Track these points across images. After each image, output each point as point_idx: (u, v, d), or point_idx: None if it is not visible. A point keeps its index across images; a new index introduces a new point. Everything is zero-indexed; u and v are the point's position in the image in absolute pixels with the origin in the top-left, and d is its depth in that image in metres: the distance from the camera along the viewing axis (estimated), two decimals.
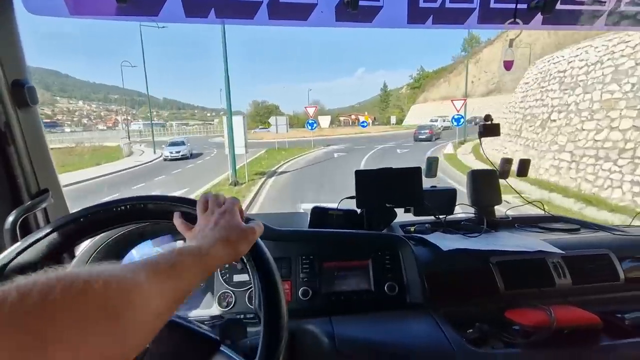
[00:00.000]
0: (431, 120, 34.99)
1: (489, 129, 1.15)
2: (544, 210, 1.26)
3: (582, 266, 0.88)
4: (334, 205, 1.10)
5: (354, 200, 1.05)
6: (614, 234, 1.03)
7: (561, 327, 0.67)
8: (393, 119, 52.51)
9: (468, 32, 50.80)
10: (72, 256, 0.82)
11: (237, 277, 0.86)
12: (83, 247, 0.81)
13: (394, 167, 1.06)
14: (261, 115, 74.53)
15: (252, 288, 0.78)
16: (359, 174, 1.04)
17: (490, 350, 0.68)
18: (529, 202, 1.27)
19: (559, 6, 0.95)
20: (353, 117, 78.33)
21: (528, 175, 1.19)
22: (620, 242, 0.97)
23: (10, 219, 0.68)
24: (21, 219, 0.70)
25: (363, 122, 31.22)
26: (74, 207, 0.85)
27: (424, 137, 22.51)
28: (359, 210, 1.07)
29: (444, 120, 32.58)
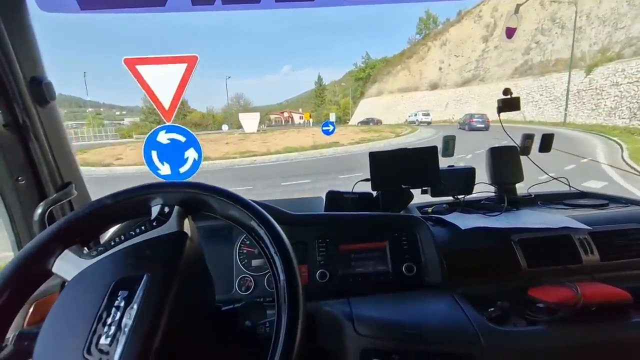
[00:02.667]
0: (410, 116, 32.90)
1: (509, 103, 1.15)
2: (569, 186, 1.27)
3: (611, 242, 0.87)
4: (349, 189, 1.09)
5: (369, 183, 1.05)
6: None
7: (588, 304, 0.66)
8: (332, 117, 49.08)
9: (425, 12, 46.47)
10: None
11: (256, 262, 0.88)
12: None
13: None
14: (157, 114, 59.15)
15: (269, 273, 0.77)
16: (374, 156, 1.05)
17: (513, 327, 0.68)
18: (554, 178, 1.26)
19: None
20: (286, 114, 73.74)
21: None
22: None
23: (39, 211, 0.75)
24: (48, 211, 0.76)
25: (327, 123, 13.52)
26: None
27: (480, 125, 20.18)
28: (374, 193, 1.08)
29: (425, 115, 31.33)
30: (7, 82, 0.70)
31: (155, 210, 0.54)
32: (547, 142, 1.21)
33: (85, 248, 0.52)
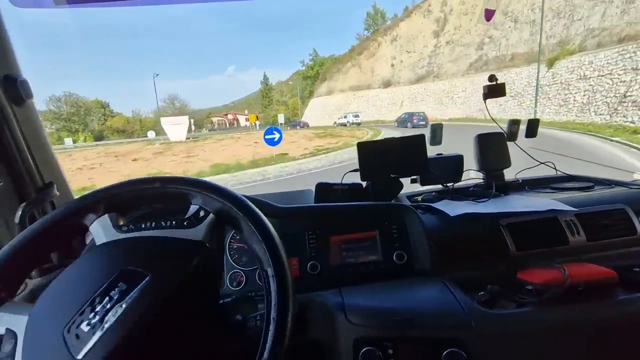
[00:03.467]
0: (339, 118, 31.93)
1: (494, 89, 1.16)
2: (555, 170, 1.29)
3: (597, 222, 0.89)
4: (338, 181, 1.10)
5: (359, 174, 1.06)
6: (630, 188, 1.05)
7: (575, 284, 0.67)
8: (281, 118, 45.54)
9: (372, 7, 43.86)
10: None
11: (246, 257, 0.88)
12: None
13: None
14: (67, 119, 46.20)
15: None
16: (362, 146, 1.05)
17: (502, 310, 0.69)
18: (541, 163, 1.27)
19: None
20: (231, 116, 69.17)
21: None
22: (637, 195, 0.98)
23: (19, 213, 0.73)
24: (29, 213, 0.75)
25: (270, 129, 10.54)
26: None
27: (422, 122, 21.67)
28: (363, 184, 1.08)
29: (355, 116, 31.12)
30: None
31: (192, 209, 0.55)
32: (532, 128, 1.23)
33: (121, 220, 0.56)
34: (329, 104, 40.79)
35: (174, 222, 0.54)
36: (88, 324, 0.41)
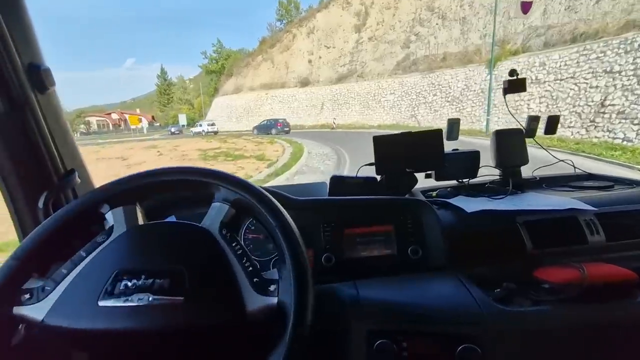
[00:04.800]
0: (195, 127, 28.47)
1: (514, 84, 1.14)
2: (574, 168, 1.27)
3: (617, 223, 0.88)
4: (353, 174, 1.09)
5: (373, 168, 1.05)
6: None
7: (594, 284, 0.67)
8: (182, 119, 38.15)
9: None
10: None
11: (262, 247, 0.88)
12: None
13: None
14: None
15: (277, 257, 0.82)
16: (378, 140, 1.04)
17: (518, 308, 0.68)
18: (559, 160, 1.27)
19: None
20: (115, 116, 57.07)
21: None
22: None
23: (43, 199, 0.75)
24: (52, 199, 0.77)
25: None
26: None
27: (287, 129, 22.21)
28: (378, 178, 1.08)
29: (211, 125, 27.80)
30: (5, 69, 0.69)
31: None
32: (553, 125, 1.21)
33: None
34: (237, 104, 34.17)
35: (250, 268, 0.54)
36: (125, 286, 0.47)
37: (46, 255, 0.54)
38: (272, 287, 0.51)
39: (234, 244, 0.54)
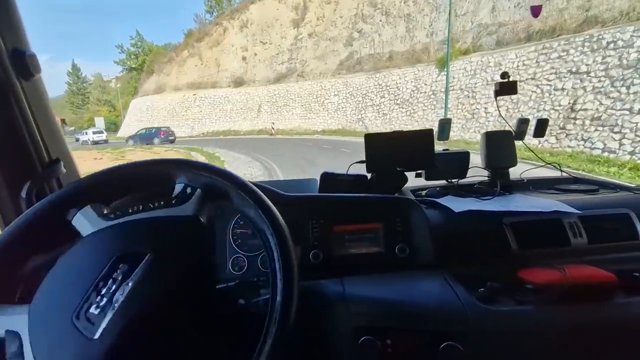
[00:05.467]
0: (78, 135, 25.09)
1: (506, 87, 1.15)
2: (561, 171, 1.29)
3: (600, 226, 0.89)
4: (343, 171, 1.09)
5: (364, 166, 1.06)
6: (635, 193, 1.05)
7: (575, 285, 0.69)
8: (100, 122, 32.81)
9: None
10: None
11: (249, 242, 0.88)
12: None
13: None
14: None
15: (264, 252, 0.81)
16: (369, 137, 1.05)
17: (502, 307, 0.70)
18: (547, 163, 1.28)
19: None
20: None
21: None
22: None
23: (26, 188, 0.74)
24: (36, 188, 0.76)
25: None
26: None
27: (171, 137, 20.10)
28: (369, 175, 1.08)
29: (97, 133, 24.41)
30: None
31: (178, 188, 0.56)
32: (542, 127, 1.23)
33: (105, 209, 0.55)
34: (159, 106, 28.62)
35: (162, 203, 0.54)
36: (97, 307, 0.43)
37: (22, 250, 0.51)
38: (188, 190, 0.54)
39: (130, 211, 0.54)
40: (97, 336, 0.41)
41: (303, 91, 22.54)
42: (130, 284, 0.44)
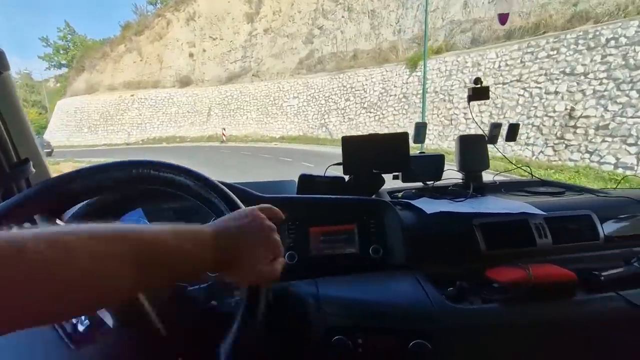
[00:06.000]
0: None
1: (478, 92, 1.18)
2: (531, 175, 1.34)
3: (563, 226, 0.92)
4: (321, 173, 1.11)
5: (342, 168, 1.07)
6: (597, 195, 1.09)
7: (538, 284, 0.72)
8: None
9: None
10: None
11: None
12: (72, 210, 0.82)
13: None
14: None
15: None
16: (346, 140, 1.07)
17: (469, 306, 0.73)
18: (517, 167, 1.38)
19: None
20: None
21: None
22: (602, 203, 1.02)
23: None
24: (3, 189, 0.75)
25: None
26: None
27: (48, 150, 16.15)
28: (346, 178, 1.09)
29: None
30: None
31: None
32: (513, 132, 1.28)
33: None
34: (90, 108, 23.97)
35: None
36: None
37: None
38: None
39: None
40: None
41: (259, 93, 20.14)
42: None
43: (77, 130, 23.64)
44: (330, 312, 0.70)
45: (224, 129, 18.70)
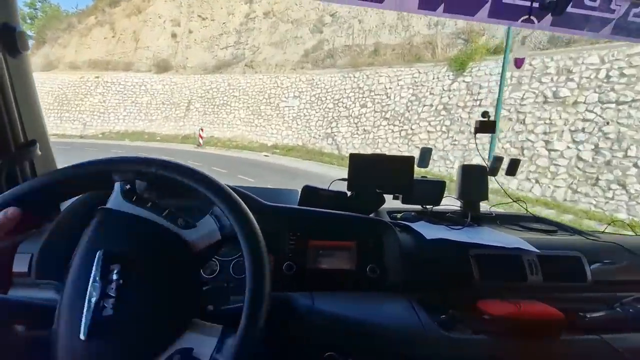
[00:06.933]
0: None
1: (484, 125, 1.18)
2: (526, 210, 1.37)
3: (554, 266, 0.96)
4: (325, 186, 1.12)
5: (345, 183, 1.09)
6: (587, 238, 1.12)
7: (527, 320, 0.75)
8: None
9: None
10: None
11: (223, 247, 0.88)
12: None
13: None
14: None
15: (237, 258, 0.85)
16: (354, 157, 1.09)
17: (459, 335, 0.74)
18: (514, 201, 1.36)
19: (569, 9, 1.03)
20: None
21: None
22: (592, 246, 1.06)
23: None
24: (6, 169, 0.76)
25: None
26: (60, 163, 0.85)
27: None
28: (349, 193, 1.10)
29: None
30: None
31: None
32: (513, 166, 1.30)
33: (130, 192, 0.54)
34: (44, 88, 18.93)
35: (178, 220, 0.54)
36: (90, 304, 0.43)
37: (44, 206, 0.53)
38: (198, 223, 0.54)
39: (148, 205, 0.53)
40: (82, 336, 0.42)
41: (251, 87, 16.37)
42: (114, 295, 0.44)
43: None
44: (324, 328, 0.71)
45: (202, 130, 14.84)
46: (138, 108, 18.29)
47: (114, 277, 0.45)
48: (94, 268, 0.45)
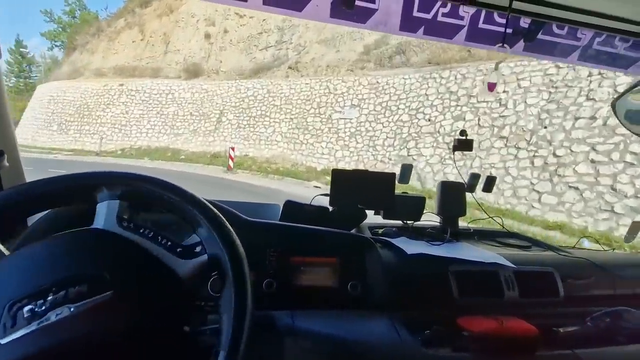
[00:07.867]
0: None
1: (463, 143, 1.21)
2: (502, 226, 1.40)
3: (529, 281, 0.97)
4: (307, 201, 1.11)
5: (327, 198, 1.09)
6: (559, 254, 1.15)
7: (505, 337, 0.77)
8: None
9: None
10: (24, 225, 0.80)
11: None
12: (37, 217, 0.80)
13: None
14: None
15: (215, 276, 0.86)
16: (336, 173, 1.10)
17: (439, 352, 0.75)
18: (490, 217, 1.39)
19: (540, 36, 1.10)
20: None
21: None
22: (564, 262, 1.08)
23: None
24: None
25: None
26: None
27: None
28: (331, 208, 1.10)
29: None
30: None
31: (191, 240, 0.55)
32: (490, 184, 1.32)
33: (126, 213, 0.54)
34: (66, 97, 17.44)
35: (168, 243, 0.53)
36: (30, 311, 0.40)
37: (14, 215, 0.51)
38: (197, 249, 0.54)
39: (141, 230, 0.52)
40: (3, 342, 0.39)
41: (296, 94, 13.04)
42: (71, 309, 0.41)
43: (46, 127, 17.54)
44: (305, 348, 0.70)
45: (232, 149, 11.58)
46: (163, 120, 15.63)
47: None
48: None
